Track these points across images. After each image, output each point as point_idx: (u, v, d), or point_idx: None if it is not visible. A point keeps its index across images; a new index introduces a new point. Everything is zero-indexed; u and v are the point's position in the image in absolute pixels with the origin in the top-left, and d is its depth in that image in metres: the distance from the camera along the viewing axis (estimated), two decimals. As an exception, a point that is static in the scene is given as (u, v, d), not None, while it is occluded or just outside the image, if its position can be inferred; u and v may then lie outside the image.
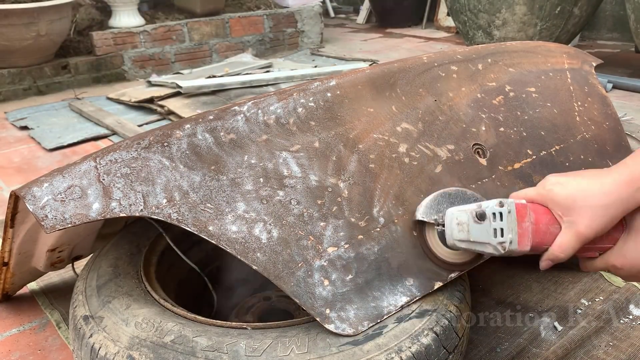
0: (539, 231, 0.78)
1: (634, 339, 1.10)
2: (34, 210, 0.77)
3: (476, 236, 0.81)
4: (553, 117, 1.24)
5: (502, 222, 0.78)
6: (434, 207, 0.92)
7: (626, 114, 2.49)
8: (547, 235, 0.78)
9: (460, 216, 0.83)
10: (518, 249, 0.78)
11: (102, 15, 3.75)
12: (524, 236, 0.78)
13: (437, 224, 0.90)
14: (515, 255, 0.81)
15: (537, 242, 0.79)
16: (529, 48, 1.38)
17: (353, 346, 0.77)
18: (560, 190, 0.78)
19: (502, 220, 0.78)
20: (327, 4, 6.32)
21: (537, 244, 0.79)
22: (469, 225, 0.82)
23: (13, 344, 1.19)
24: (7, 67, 3.24)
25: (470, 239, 0.82)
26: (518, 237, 0.78)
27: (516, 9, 3.38)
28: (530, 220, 0.78)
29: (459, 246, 0.85)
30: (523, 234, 0.78)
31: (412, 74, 1.13)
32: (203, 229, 0.81)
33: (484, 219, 0.80)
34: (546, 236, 0.78)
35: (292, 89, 1.01)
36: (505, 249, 0.79)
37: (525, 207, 0.79)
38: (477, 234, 0.81)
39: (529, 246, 0.78)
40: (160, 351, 0.76)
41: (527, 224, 0.78)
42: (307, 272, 0.82)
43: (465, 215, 0.82)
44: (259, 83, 3.16)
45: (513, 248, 0.78)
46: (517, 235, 0.78)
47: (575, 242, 0.76)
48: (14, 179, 2.14)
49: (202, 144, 0.89)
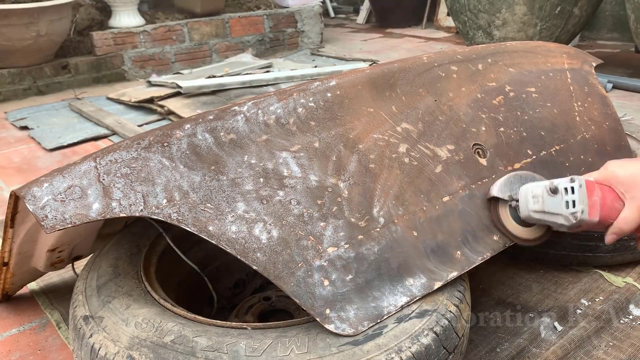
0: (605, 205, 0.88)
1: (634, 339, 1.10)
2: (34, 210, 0.77)
3: (550, 207, 0.91)
4: (553, 117, 1.24)
5: (574, 195, 0.89)
6: (507, 186, 1.00)
7: (626, 114, 2.49)
8: (612, 210, 0.88)
9: (535, 190, 0.94)
10: (588, 218, 0.88)
11: (102, 15, 3.75)
12: (594, 208, 0.88)
13: (512, 199, 0.99)
14: (584, 229, 0.90)
15: (604, 215, 0.88)
16: (529, 48, 1.38)
17: (353, 346, 0.77)
18: (621, 171, 0.89)
19: (573, 194, 0.89)
20: (327, 4, 6.31)
21: (604, 217, 0.88)
22: (543, 198, 0.92)
23: (13, 344, 1.19)
24: (7, 67, 3.24)
25: (544, 209, 0.92)
26: (588, 208, 0.88)
27: (516, 9, 3.38)
28: (598, 195, 0.88)
29: (534, 217, 0.94)
30: (592, 205, 0.88)
31: (412, 74, 1.13)
32: (203, 229, 0.81)
33: (556, 192, 0.91)
34: (612, 211, 0.88)
35: (292, 89, 1.01)
36: (577, 219, 0.88)
37: (593, 184, 0.89)
38: (550, 205, 0.91)
39: (597, 217, 0.88)
40: (160, 351, 0.76)
41: (596, 198, 0.88)
42: (307, 272, 0.82)
43: (539, 188, 0.93)
44: (259, 83, 3.15)
45: (584, 218, 0.88)
46: (588, 207, 0.88)
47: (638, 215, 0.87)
48: (14, 179, 2.14)
49: (202, 144, 0.89)
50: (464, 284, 0.93)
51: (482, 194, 1.03)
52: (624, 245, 1.28)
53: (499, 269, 1.35)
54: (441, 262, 0.92)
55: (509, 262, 1.38)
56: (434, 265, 0.91)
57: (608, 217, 0.89)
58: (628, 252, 1.30)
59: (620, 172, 0.89)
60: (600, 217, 0.88)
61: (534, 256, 1.36)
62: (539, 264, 1.36)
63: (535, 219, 0.95)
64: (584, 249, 1.29)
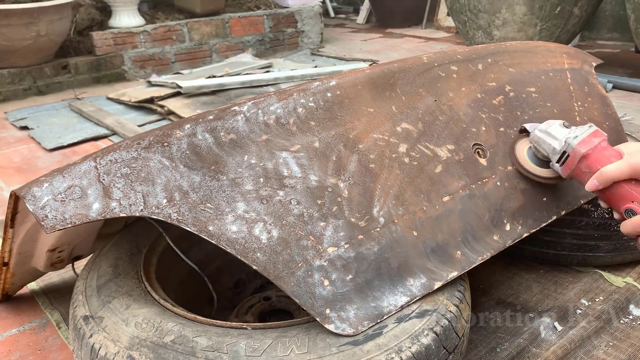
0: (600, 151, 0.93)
1: (634, 339, 1.10)
2: (34, 210, 0.77)
3: (553, 131, 1.00)
4: (553, 117, 1.24)
5: (580, 130, 0.97)
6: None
7: (626, 114, 2.49)
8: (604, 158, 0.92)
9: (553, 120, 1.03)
10: (576, 146, 0.95)
11: (102, 15, 3.75)
12: (587, 142, 0.94)
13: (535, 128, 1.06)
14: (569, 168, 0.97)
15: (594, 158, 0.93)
16: (529, 48, 1.38)
17: (353, 346, 0.77)
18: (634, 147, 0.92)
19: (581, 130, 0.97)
20: (327, 4, 6.31)
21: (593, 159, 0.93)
22: (554, 125, 1.01)
23: (13, 344, 1.19)
24: (7, 67, 3.24)
25: (548, 130, 1.01)
26: (581, 140, 0.95)
27: (516, 9, 3.38)
28: (600, 142, 0.94)
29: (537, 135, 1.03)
30: (587, 140, 0.94)
31: (412, 74, 1.13)
32: (203, 229, 0.81)
33: (569, 127, 1.00)
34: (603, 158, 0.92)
35: (292, 89, 1.01)
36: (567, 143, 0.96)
37: (603, 134, 0.95)
38: (555, 130, 1.00)
39: (584, 149, 0.94)
40: (160, 351, 0.76)
41: (595, 140, 0.94)
42: (307, 272, 0.82)
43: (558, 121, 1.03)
44: (259, 83, 3.16)
45: (573, 143, 0.96)
46: (582, 139, 0.95)
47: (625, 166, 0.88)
48: (14, 179, 2.14)
49: (202, 144, 0.89)
50: (464, 284, 0.93)
51: (482, 194, 1.03)
52: (624, 245, 1.28)
53: (499, 269, 1.35)
54: (441, 262, 0.92)
55: (509, 262, 1.38)
56: (434, 265, 0.91)
57: (597, 162, 0.92)
58: (628, 252, 1.30)
59: (633, 148, 0.92)
60: (588, 153, 0.93)
61: (534, 256, 1.36)
62: (539, 264, 1.36)
63: (537, 137, 1.03)
64: (584, 249, 1.29)
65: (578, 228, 1.25)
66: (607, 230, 1.25)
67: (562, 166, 0.99)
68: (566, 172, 0.99)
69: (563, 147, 0.97)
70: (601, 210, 1.23)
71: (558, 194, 1.12)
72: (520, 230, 1.04)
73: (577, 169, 0.96)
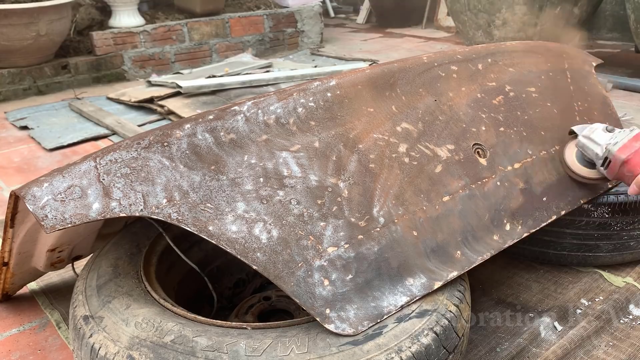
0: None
1: (634, 339, 1.10)
2: (34, 210, 0.77)
3: (596, 137, 1.02)
4: (553, 117, 1.24)
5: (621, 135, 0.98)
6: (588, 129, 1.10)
7: (626, 114, 2.49)
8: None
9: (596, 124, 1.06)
10: (616, 152, 0.97)
11: (102, 15, 3.75)
12: (627, 147, 0.96)
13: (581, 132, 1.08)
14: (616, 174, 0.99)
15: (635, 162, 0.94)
16: (529, 48, 1.38)
17: (353, 346, 0.77)
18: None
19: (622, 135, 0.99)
20: (327, 4, 6.31)
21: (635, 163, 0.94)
22: (598, 130, 1.04)
23: (13, 344, 1.19)
24: (7, 67, 3.23)
25: (591, 136, 1.04)
26: (622, 145, 0.96)
27: (516, 9, 3.38)
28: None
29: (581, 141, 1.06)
30: (628, 145, 0.96)
31: (412, 74, 1.13)
32: (203, 229, 0.81)
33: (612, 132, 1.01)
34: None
35: (292, 89, 1.01)
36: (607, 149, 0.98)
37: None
38: (597, 136, 1.02)
39: (625, 155, 0.94)
40: (160, 351, 0.76)
41: (637, 145, 0.95)
42: (307, 272, 0.82)
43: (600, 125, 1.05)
44: (259, 83, 3.15)
45: (613, 149, 0.97)
46: (622, 144, 0.96)
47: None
48: (14, 179, 2.14)
49: (202, 144, 0.89)
50: (464, 283, 0.93)
51: (482, 194, 1.03)
52: (624, 245, 1.28)
53: (499, 269, 1.35)
54: (441, 261, 0.92)
55: (509, 262, 1.38)
56: (434, 265, 0.91)
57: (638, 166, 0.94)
58: (628, 252, 1.30)
59: None
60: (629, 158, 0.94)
61: (534, 256, 1.36)
62: (539, 264, 1.36)
63: (582, 143, 1.06)
64: (584, 249, 1.29)
65: (578, 228, 1.25)
66: (607, 230, 1.25)
67: (606, 170, 1.02)
68: (611, 176, 1.02)
69: (604, 154, 1.00)
70: (601, 210, 1.23)
71: (558, 194, 1.12)
72: (520, 230, 1.04)
73: (619, 172, 0.98)
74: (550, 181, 1.14)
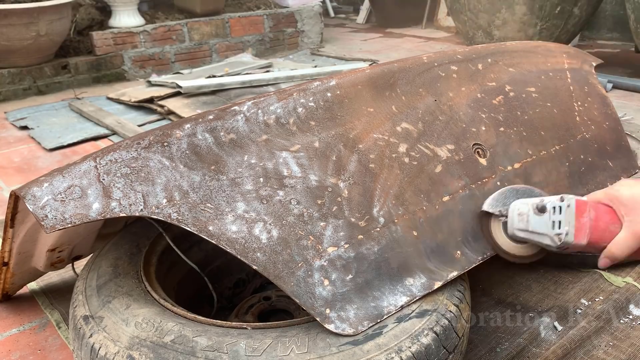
0: (597, 228, 0.82)
1: (634, 339, 1.10)
2: (34, 210, 0.77)
3: (535, 227, 0.87)
4: (553, 117, 1.24)
5: (561, 215, 0.84)
6: (501, 201, 0.96)
7: (626, 114, 2.49)
8: (606, 233, 0.82)
9: (521, 207, 0.90)
10: (574, 241, 0.83)
11: (102, 15, 3.75)
12: (581, 230, 0.82)
13: (501, 215, 0.94)
14: (573, 251, 0.85)
15: (595, 239, 0.82)
16: (529, 48, 1.38)
17: (353, 346, 0.77)
18: (625, 190, 0.81)
19: (560, 214, 0.83)
20: (327, 4, 6.31)
21: (595, 240, 0.82)
22: (529, 216, 0.88)
23: (13, 344, 1.19)
24: (7, 67, 3.23)
25: (529, 228, 0.88)
26: (575, 230, 0.82)
27: (516, 9, 3.38)
28: (590, 217, 0.82)
29: (519, 235, 0.90)
30: (580, 227, 0.82)
31: (412, 74, 1.13)
32: (203, 229, 0.81)
33: (544, 211, 0.86)
34: (605, 234, 0.82)
35: (292, 89, 1.01)
36: (561, 240, 0.83)
37: (585, 204, 0.83)
38: (536, 225, 0.87)
39: (585, 240, 0.82)
40: (160, 351, 0.76)
41: (586, 220, 0.82)
42: (307, 272, 0.82)
43: (526, 207, 0.89)
44: (259, 83, 3.15)
45: (569, 240, 0.83)
46: (574, 229, 0.82)
47: (632, 241, 0.79)
48: (14, 179, 2.14)
49: (202, 144, 0.89)
50: (464, 283, 0.93)
51: (482, 194, 1.03)
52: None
53: (499, 269, 1.35)
54: (441, 261, 0.92)
55: (508, 262, 1.37)
56: (434, 265, 0.91)
57: (600, 240, 0.83)
58: (628, 252, 1.29)
59: (625, 192, 0.81)
60: (589, 239, 0.83)
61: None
62: (539, 264, 1.36)
63: (521, 237, 0.92)
64: (584, 248, 1.29)
65: (578, 228, 1.25)
66: (607, 230, 1.25)
67: None
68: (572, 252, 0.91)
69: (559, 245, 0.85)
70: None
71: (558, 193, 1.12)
72: (520, 230, 1.04)
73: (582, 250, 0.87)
74: (550, 181, 1.14)
